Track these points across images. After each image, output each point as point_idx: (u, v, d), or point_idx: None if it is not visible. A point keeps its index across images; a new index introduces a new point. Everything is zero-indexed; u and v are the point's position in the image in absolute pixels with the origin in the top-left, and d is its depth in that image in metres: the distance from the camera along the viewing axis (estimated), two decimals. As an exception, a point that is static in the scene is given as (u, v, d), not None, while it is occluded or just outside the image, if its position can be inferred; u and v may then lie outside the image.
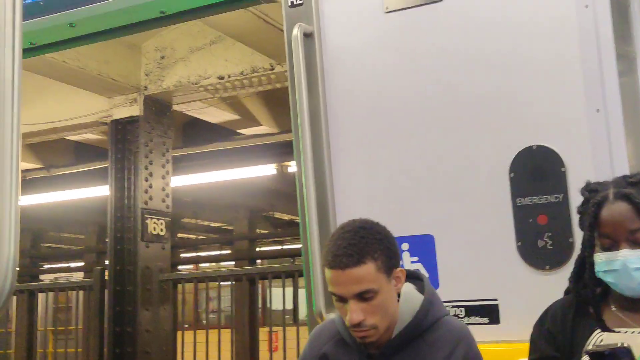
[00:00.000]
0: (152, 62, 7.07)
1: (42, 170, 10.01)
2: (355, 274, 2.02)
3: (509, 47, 2.70)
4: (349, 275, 2.02)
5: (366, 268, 2.03)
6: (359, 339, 2.09)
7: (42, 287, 9.34)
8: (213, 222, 16.93)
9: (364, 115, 2.94)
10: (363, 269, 2.03)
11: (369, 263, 2.04)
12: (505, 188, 2.64)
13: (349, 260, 2.03)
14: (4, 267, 1.50)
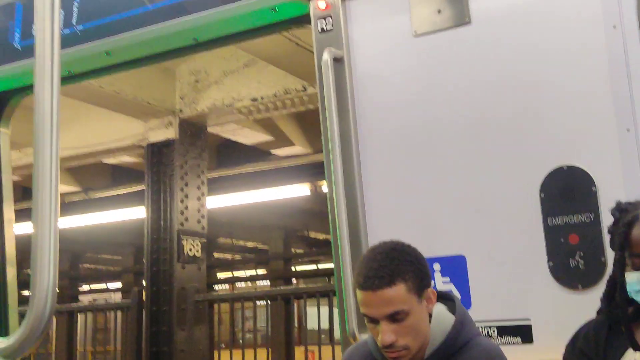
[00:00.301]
0: (186, 86, 7.19)
1: (80, 193, 10.19)
2: (387, 295, 2.04)
3: (538, 68, 2.71)
4: (380, 297, 2.04)
5: (397, 289, 2.04)
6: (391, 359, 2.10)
7: (82, 308, 9.46)
8: (248, 241, 17.00)
9: (394, 137, 2.97)
10: (394, 290, 2.04)
11: (400, 284, 2.05)
12: (536, 208, 2.64)
13: (380, 281, 2.04)
14: (45, 290, 1.56)
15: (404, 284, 2.05)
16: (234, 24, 3.33)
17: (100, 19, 3.48)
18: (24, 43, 3.63)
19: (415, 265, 2.11)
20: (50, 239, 1.59)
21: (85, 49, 3.54)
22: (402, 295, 2.05)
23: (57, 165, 1.66)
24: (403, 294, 2.05)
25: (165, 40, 3.47)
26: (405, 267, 2.08)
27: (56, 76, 1.70)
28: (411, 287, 2.07)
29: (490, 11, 2.81)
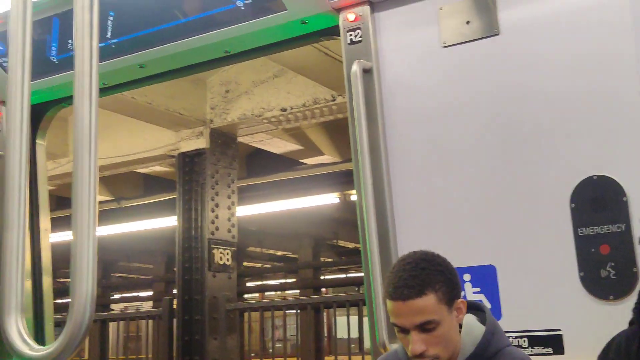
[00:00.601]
0: (217, 96, 7.26)
1: (113, 202, 10.32)
2: (417, 305, 2.04)
3: (567, 78, 2.71)
4: (410, 307, 2.04)
5: (427, 299, 2.05)
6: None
7: (114, 317, 9.57)
8: (277, 250, 17.06)
9: (423, 146, 2.98)
10: (424, 300, 2.04)
11: (430, 294, 2.05)
12: (567, 218, 2.63)
13: (410, 291, 2.05)
14: (84, 299, 1.60)
15: (434, 294, 2.06)
16: (265, 37, 3.38)
17: (134, 33, 3.54)
18: (61, 56, 3.71)
19: (446, 275, 2.11)
20: (88, 247, 1.63)
21: (120, 61, 3.61)
22: (432, 305, 2.05)
23: (95, 175, 1.70)
24: (433, 304, 2.05)
25: (197, 52, 3.52)
26: (436, 277, 2.08)
27: (94, 89, 1.75)
28: (441, 297, 2.07)
29: (519, 22, 2.81)
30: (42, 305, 4.09)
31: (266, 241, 15.54)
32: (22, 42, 1.88)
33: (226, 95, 7.18)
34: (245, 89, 7.07)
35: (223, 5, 3.28)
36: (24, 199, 1.79)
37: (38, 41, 3.65)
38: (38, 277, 4.11)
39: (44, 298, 4.10)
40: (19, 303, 1.69)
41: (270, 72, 6.89)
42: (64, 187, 9.14)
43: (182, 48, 3.48)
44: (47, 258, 4.18)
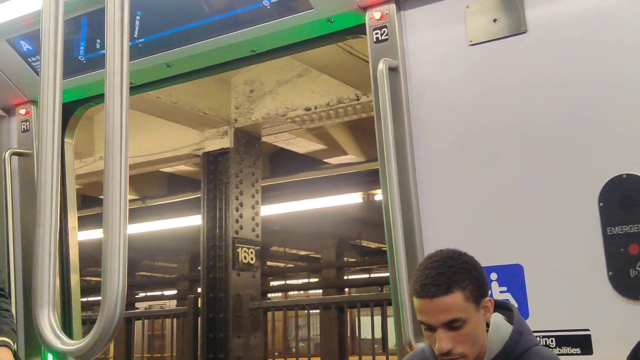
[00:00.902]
0: (241, 96, 7.29)
1: (138, 201, 10.40)
2: (443, 303, 2.05)
3: (596, 75, 2.69)
4: (437, 304, 2.05)
5: (454, 297, 2.05)
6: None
7: (139, 315, 9.64)
8: (301, 250, 17.08)
9: (449, 145, 2.97)
10: (451, 298, 2.05)
11: (457, 292, 2.06)
12: (595, 217, 2.61)
13: (437, 289, 2.05)
14: (115, 296, 1.61)
15: (461, 292, 2.06)
16: (291, 35, 3.39)
17: (160, 32, 3.57)
18: (89, 56, 3.75)
19: (473, 273, 2.12)
20: (119, 245, 1.65)
21: (147, 61, 3.64)
22: (459, 303, 2.06)
23: (126, 174, 1.72)
24: (460, 302, 2.06)
25: (223, 51, 3.54)
26: (463, 275, 2.09)
27: (125, 87, 1.77)
28: (468, 295, 2.08)
29: (547, 19, 2.80)
30: (70, 302, 4.14)
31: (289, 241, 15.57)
32: (54, 42, 1.90)
33: (250, 95, 7.21)
34: (269, 89, 7.09)
35: (249, 5, 3.30)
36: (56, 196, 1.82)
37: (66, 41, 3.68)
38: (66, 275, 4.17)
39: (72, 295, 4.15)
40: (51, 298, 1.72)
41: (295, 72, 6.90)
42: (90, 186, 9.24)
43: (208, 47, 3.50)
44: (74, 256, 4.23)
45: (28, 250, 3.96)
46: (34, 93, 4.04)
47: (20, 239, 4.05)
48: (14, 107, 4.21)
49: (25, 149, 4.11)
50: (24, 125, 4.15)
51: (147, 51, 3.61)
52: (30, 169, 4.05)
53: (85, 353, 1.61)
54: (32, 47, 3.81)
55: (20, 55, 3.87)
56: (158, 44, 3.59)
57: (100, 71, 1.80)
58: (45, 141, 1.83)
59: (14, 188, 4.05)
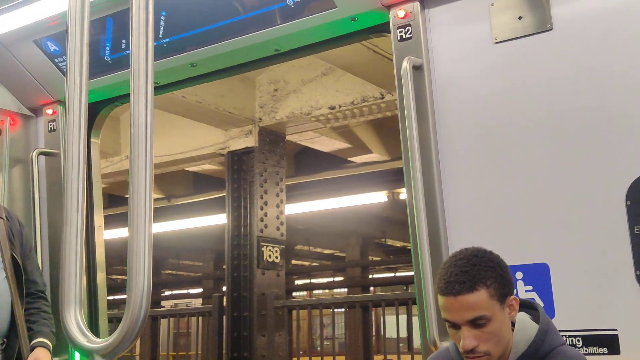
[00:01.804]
0: (265, 95, 7.31)
1: (164, 200, 10.47)
2: (468, 301, 2.05)
3: (623, 72, 2.66)
4: (462, 302, 2.05)
5: (479, 295, 2.05)
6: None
7: (165, 313, 9.71)
8: (325, 249, 17.09)
9: (474, 144, 2.96)
10: (475, 296, 2.05)
11: (482, 290, 2.06)
12: (622, 216, 2.58)
13: (461, 287, 2.05)
14: (140, 295, 1.63)
15: (485, 290, 2.06)
16: (315, 35, 3.39)
17: (185, 32, 3.59)
18: (114, 56, 3.78)
19: (497, 271, 2.11)
20: (145, 244, 1.67)
21: (172, 61, 3.66)
22: (483, 300, 2.05)
23: (151, 173, 1.73)
24: (485, 300, 2.05)
25: (247, 51, 3.55)
26: (487, 273, 2.08)
27: (150, 89, 1.78)
28: (493, 293, 2.07)
29: (572, 16, 2.77)
30: (97, 300, 4.19)
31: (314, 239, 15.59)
32: (80, 42, 1.92)
33: (275, 94, 7.22)
34: (293, 88, 7.10)
35: (273, 4, 3.31)
36: (83, 196, 1.83)
37: (92, 41, 3.72)
38: (92, 273, 4.21)
39: (98, 293, 4.20)
40: (77, 297, 1.73)
41: (319, 71, 6.91)
42: (116, 185, 9.32)
43: (233, 47, 3.52)
44: (101, 254, 4.27)
45: (55, 249, 4.01)
46: (61, 93, 4.08)
47: (48, 238, 4.10)
48: (41, 108, 4.27)
49: (52, 148, 4.15)
50: (51, 125, 4.20)
51: (172, 51, 3.64)
52: (57, 168, 4.09)
53: (112, 351, 1.63)
54: (58, 47, 3.85)
55: (47, 55, 3.91)
56: (183, 43, 3.61)
57: (125, 71, 1.81)
58: (72, 141, 1.85)
59: (41, 187, 4.09)
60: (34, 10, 3.63)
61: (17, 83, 4.16)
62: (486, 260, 2.12)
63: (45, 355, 3.18)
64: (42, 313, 3.33)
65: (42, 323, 3.28)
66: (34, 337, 3.23)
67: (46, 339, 3.24)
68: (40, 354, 3.17)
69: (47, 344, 3.23)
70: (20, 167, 4.22)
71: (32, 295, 3.34)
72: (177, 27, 3.58)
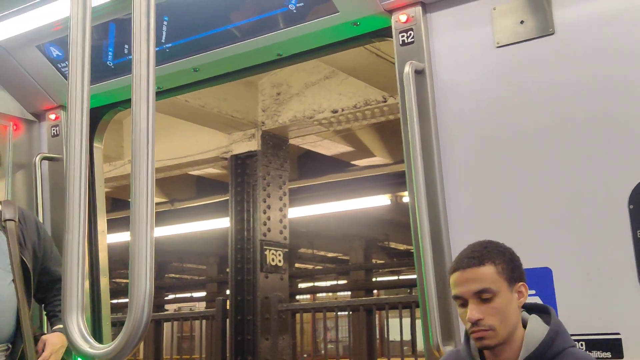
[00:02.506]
0: (268, 99, 7.32)
1: (167, 204, 10.48)
2: (475, 273, 2.15)
3: (625, 76, 2.65)
4: (469, 274, 2.15)
5: (486, 269, 2.15)
6: (477, 341, 2.15)
7: (168, 317, 9.71)
8: (329, 252, 17.09)
9: (477, 148, 2.95)
10: (482, 270, 2.15)
11: (489, 265, 2.16)
12: (625, 220, 2.58)
13: (469, 261, 2.17)
14: (142, 299, 1.63)
15: (493, 266, 2.16)
16: (317, 39, 3.39)
17: (187, 37, 3.59)
18: (117, 61, 3.79)
19: (507, 256, 2.22)
20: (146, 248, 1.67)
21: (174, 65, 3.66)
22: (490, 274, 2.14)
23: (152, 177, 1.74)
24: (491, 274, 2.15)
25: (250, 55, 3.56)
26: (497, 255, 2.19)
27: (151, 94, 1.79)
28: (500, 271, 2.16)
29: (575, 20, 2.77)
30: (100, 305, 4.18)
31: (317, 243, 15.59)
32: (82, 47, 1.92)
33: (277, 98, 7.23)
34: (296, 91, 7.11)
35: (275, 9, 3.31)
36: (85, 201, 1.84)
37: (95, 46, 3.73)
38: (95, 278, 4.21)
39: (101, 298, 4.19)
40: (80, 302, 1.74)
41: (322, 74, 6.91)
42: (120, 189, 9.33)
43: (235, 52, 3.52)
44: (104, 259, 4.27)
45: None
46: (64, 98, 4.09)
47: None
48: (44, 113, 4.27)
49: (55, 153, 4.16)
50: (54, 130, 4.20)
51: (174, 56, 3.64)
52: (60, 173, 4.09)
53: (114, 357, 1.63)
54: (61, 52, 3.86)
55: (50, 60, 3.92)
56: (185, 48, 3.61)
57: (128, 76, 1.82)
58: (74, 146, 1.85)
59: (44, 192, 4.10)
60: (36, 16, 3.63)
61: (20, 88, 4.16)
62: (497, 246, 2.25)
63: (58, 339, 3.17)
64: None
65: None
66: (55, 323, 3.27)
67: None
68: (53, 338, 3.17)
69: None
70: (23, 172, 4.23)
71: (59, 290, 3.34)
72: (180, 32, 3.58)
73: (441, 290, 2.88)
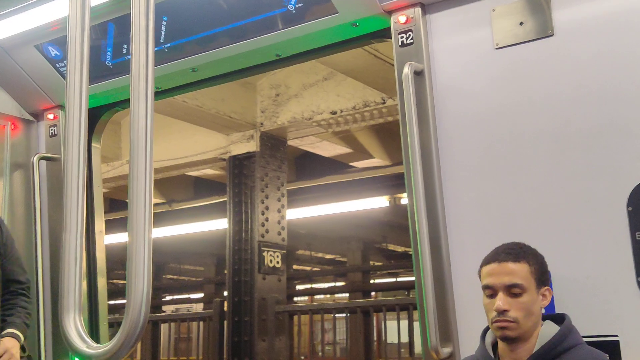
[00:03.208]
0: (267, 100, 7.31)
1: (164, 205, 10.46)
2: (510, 267, 2.28)
3: (624, 78, 2.65)
4: (504, 267, 2.28)
5: (521, 266, 2.29)
6: (499, 330, 2.26)
7: (165, 318, 9.69)
8: (327, 254, 17.07)
9: (475, 149, 2.95)
10: (518, 265, 2.29)
11: (524, 264, 2.30)
12: (624, 222, 2.58)
13: (507, 256, 2.31)
14: (139, 299, 1.62)
15: (527, 265, 2.30)
16: (316, 40, 3.39)
17: (186, 37, 3.59)
18: (115, 61, 3.78)
19: (539, 259, 2.37)
20: (144, 248, 1.66)
21: (173, 65, 3.66)
22: (524, 271, 2.28)
23: (151, 178, 1.72)
24: (525, 272, 2.28)
25: (248, 56, 3.55)
26: (531, 256, 2.34)
27: (150, 94, 1.78)
28: (533, 271, 2.30)
29: (574, 22, 2.77)
30: (97, 305, 4.18)
31: (315, 244, 15.57)
32: (80, 47, 1.91)
33: (276, 99, 7.22)
34: (295, 92, 7.10)
35: (274, 9, 3.30)
36: (82, 201, 1.82)
37: (93, 46, 3.72)
38: (93, 278, 4.20)
39: (98, 298, 4.19)
40: (77, 302, 1.72)
41: (320, 75, 6.91)
42: (117, 189, 9.32)
43: (234, 52, 3.51)
44: (101, 259, 4.26)
45: (56, 254, 4.00)
46: (62, 98, 4.08)
47: (49, 243, 4.09)
48: (42, 112, 4.26)
49: (53, 153, 4.15)
50: (52, 130, 4.20)
51: (173, 56, 3.64)
52: (58, 173, 4.09)
53: (111, 357, 1.62)
54: (59, 52, 3.85)
55: (49, 60, 3.91)
56: (184, 48, 3.61)
57: (126, 76, 1.81)
58: (72, 146, 1.84)
59: (42, 192, 4.09)
60: (35, 15, 3.63)
61: (18, 88, 4.15)
62: (531, 249, 2.39)
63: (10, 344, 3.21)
64: (18, 307, 3.39)
65: (16, 315, 3.35)
66: (5, 327, 3.30)
67: (17, 329, 3.30)
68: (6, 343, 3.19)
69: (17, 334, 3.29)
70: (21, 172, 4.22)
71: (12, 293, 3.41)
72: (178, 32, 3.58)
73: (439, 292, 2.88)
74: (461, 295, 2.90)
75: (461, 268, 2.91)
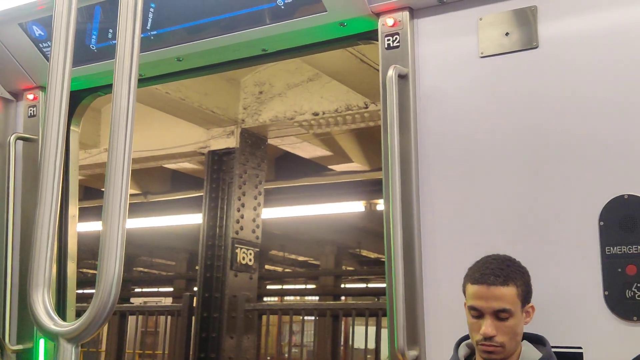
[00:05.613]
0: (250, 96, 7.30)
1: (140, 196, 10.39)
2: (499, 292, 2.29)
3: (604, 94, 2.69)
4: (493, 292, 2.29)
5: (509, 290, 2.30)
6: (485, 354, 2.29)
7: (134, 309, 9.61)
8: (300, 256, 17.06)
9: (454, 158, 2.97)
10: (506, 290, 2.29)
11: (512, 287, 2.31)
12: (595, 236, 2.61)
13: (496, 279, 2.30)
14: (110, 280, 1.61)
15: (515, 288, 2.31)
16: (303, 37, 3.39)
17: (173, 26, 3.58)
18: (100, 45, 3.76)
19: (525, 278, 2.39)
20: (118, 230, 1.65)
21: (158, 53, 3.65)
22: (512, 296, 2.29)
23: (129, 164, 1.72)
24: (512, 296, 2.30)
25: (234, 49, 3.55)
26: (518, 276, 2.35)
27: (133, 78, 1.77)
28: (519, 293, 2.32)
29: (559, 35, 2.80)
30: (66, 290, 4.14)
31: (289, 245, 15.56)
32: (66, 28, 1.90)
33: (259, 96, 7.22)
34: (278, 91, 7.10)
35: (263, 4, 3.30)
36: (58, 182, 1.81)
37: (79, 29, 3.68)
38: (63, 263, 4.17)
39: (67, 283, 4.15)
40: (46, 279, 1.71)
41: (306, 76, 6.91)
42: (94, 177, 9.25)
43: (220, 44, 3.51)
44: (73, 244, 4.23)
45: (27, 235, 3.97)
46: (43, 79, 4.05)
47: (20, 224, 4.05)
48: (22, 92, 4.23)
49: (30, 134, 4.12)
50: (31, 111, 4.16)
51: (159, 44, 3.62)
52: (34, 154, 4.06)
53: (78, 335, 1.61)
54: (44, 32, 3.82)
55: (32, 40, 3.88)
56: (170, 37, 3.60)
57: (110, 61, 1.80)
58: (51, 127, 1.83)
59: (17, 172, 4.05)
60: (21, -6, 3.60)
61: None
62: (518, 266, 2.41)
63: None
64: None
65: None
66: None
67: None
68: None
69: None
70: (-4, 151, 4.18)
71: None
72: (165, 20, 3.56)
73: (409, 297, 2.90)
74: (430, 301, 2.92)
75: (432, 274, 2.93)
